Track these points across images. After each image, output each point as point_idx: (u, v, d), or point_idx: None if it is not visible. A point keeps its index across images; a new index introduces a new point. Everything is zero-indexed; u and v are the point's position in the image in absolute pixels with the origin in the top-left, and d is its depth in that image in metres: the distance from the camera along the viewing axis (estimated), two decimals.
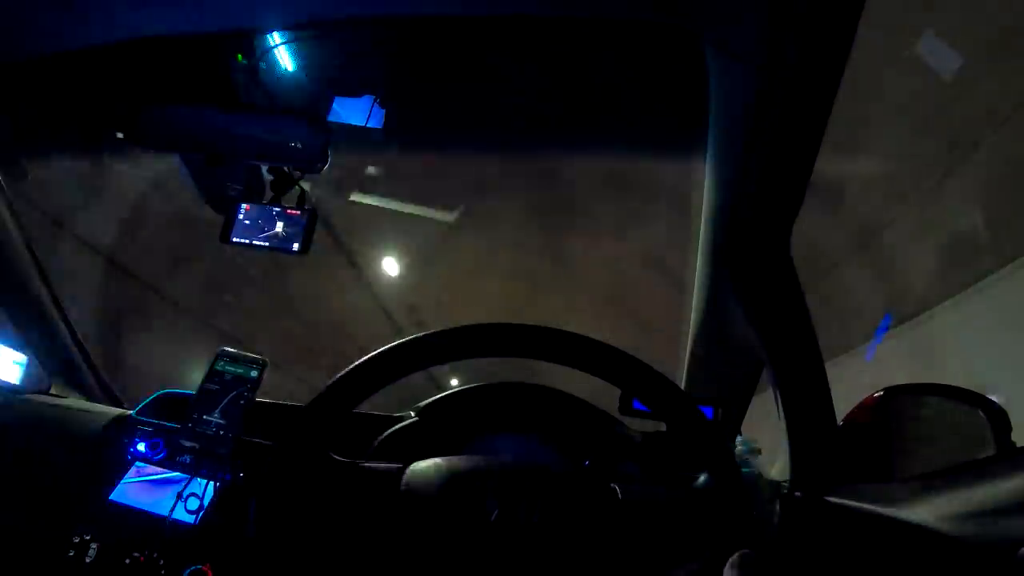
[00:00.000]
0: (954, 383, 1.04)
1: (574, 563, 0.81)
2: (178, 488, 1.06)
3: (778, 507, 1.04)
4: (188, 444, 1.11)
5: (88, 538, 1.01)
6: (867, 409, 1.06)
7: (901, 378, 1.09)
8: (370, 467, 0.88)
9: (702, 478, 0.88)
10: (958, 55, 2.08)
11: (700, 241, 1.24)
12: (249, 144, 1.14)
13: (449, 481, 0.84)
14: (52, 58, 1.22)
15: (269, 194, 1.19)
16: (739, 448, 1.09)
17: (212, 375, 1.15)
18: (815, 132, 1.00)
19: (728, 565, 0.73)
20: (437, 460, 0.87)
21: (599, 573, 0.81)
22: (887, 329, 3.28)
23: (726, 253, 1.19)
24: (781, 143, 1.01)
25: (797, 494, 1.02)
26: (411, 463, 0.87)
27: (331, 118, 1.25)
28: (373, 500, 0.83)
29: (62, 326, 1.38)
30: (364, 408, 0.92)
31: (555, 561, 0.81)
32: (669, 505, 0.90)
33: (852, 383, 1.27)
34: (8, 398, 1.24)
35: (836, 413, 1.07)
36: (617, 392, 1.22)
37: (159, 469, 1.10)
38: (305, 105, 1.39)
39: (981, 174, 2.48)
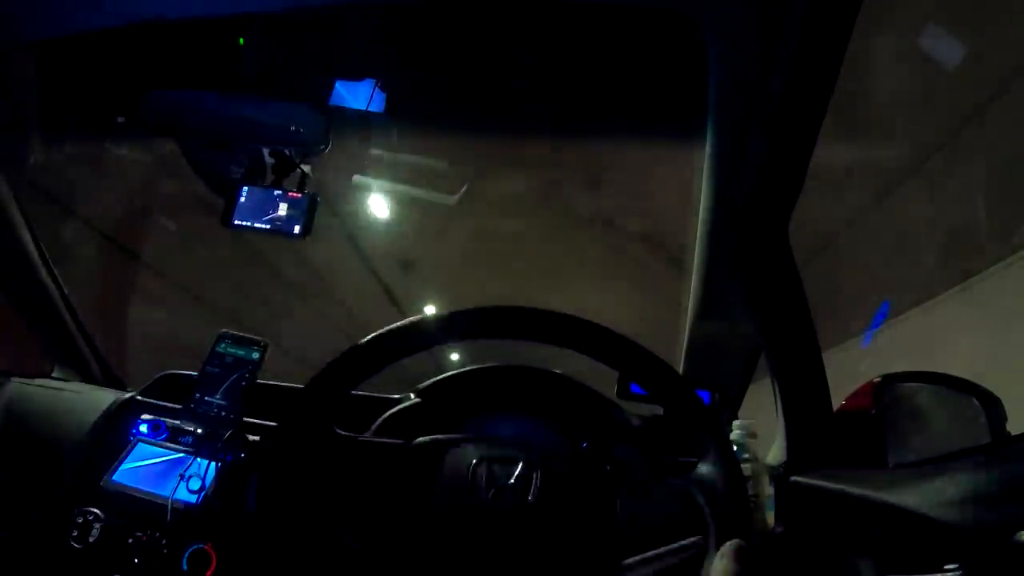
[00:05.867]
0: None
1: (568, 544, 0.82)
2: (180, 469, 1.07)
3: (773, 492, 1.05)
4: (190, 425, 1.12)
5: (91, 518, 1.02)
6: (863, 396, 1.07)
7: None
8: (371, 442, 0.89)
9: (698, 462, 0.88)
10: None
11: (699, 225, 1.24)
12: (250, 127, 1.13)
13: (447, 460, 0.85)
14: (55, 43, 1.22)
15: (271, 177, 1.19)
16: (736, 433, 1.09)
17: (214, 357, 1.16)
18: (815, 117, 1.00)
19: (719, 555, 0.74)
20: (437, 437, 0.88)
21: (593, 555, 0.82)
22: None
23: (725, 238, 1.19)
24: (780, 128, 1.01)
25: (792, 479, 1.03)
26: (411, 441, 0.88)
27: (332, 101, 1.25)
28: (373, 476, 0.85)
29: (64, 309, 1.39)
30: (365, 389, 0.92)
31: (550, 541, 0.82)
32: (665, 489, 0.91)
33: None
34: (10, 381, 1.25)
35: (832, 399, 1.08)
36: (615, 375, 1.23)
37: (161, 450, 1.11)
38: (306, 88, 1.39)
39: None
